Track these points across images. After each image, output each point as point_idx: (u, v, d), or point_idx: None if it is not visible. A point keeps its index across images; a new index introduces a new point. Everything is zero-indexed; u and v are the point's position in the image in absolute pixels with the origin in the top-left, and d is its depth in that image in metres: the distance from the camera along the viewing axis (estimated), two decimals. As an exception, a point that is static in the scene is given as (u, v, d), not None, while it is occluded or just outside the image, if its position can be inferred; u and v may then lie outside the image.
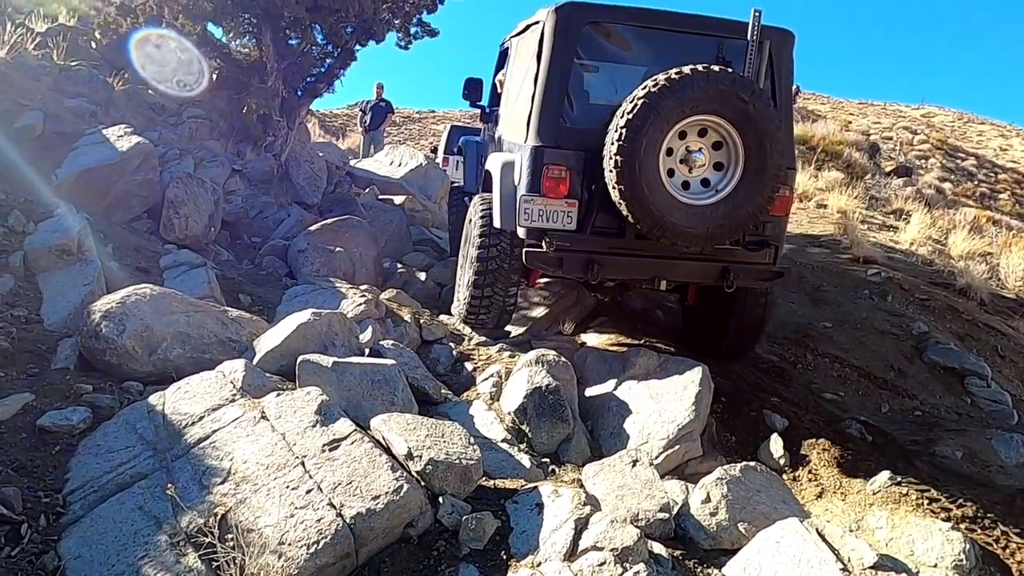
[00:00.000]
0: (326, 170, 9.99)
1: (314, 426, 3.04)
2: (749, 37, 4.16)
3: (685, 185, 4.15)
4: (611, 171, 3.99)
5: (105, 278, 4.58)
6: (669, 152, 4.07)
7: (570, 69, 4.43)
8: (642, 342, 5.33)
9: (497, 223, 4.71)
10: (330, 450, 2.93)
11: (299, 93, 9.75)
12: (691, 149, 4.09)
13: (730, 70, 3.98)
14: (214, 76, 9.52)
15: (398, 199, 10.25)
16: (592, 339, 5.51)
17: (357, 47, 9.44)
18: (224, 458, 2.93)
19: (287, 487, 2.76)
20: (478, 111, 6.81)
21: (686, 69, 3.89)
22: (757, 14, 4.15)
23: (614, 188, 4.01)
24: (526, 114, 4.54)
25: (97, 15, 8.96)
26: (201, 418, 3.15)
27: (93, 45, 8.75)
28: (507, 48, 5.87)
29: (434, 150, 15.46)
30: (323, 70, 9.71)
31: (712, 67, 3.92)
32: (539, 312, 6.18)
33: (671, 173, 4.11)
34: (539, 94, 4.42)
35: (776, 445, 4.15)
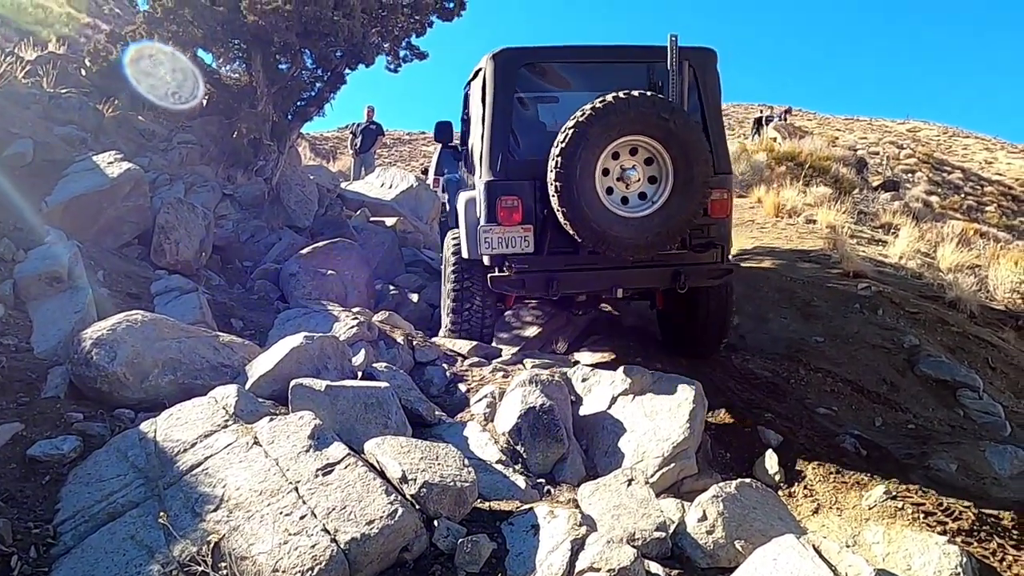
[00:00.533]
0: (317, 193, 10.01)
1: (307, 451, 3.02)
2: (668, 61, 4.54)
3: (624, 200, 4.51)
4: (554, 196, 4.36)
5: (96, 305, 4.56)
6: (606, 172, 4.46)
7: (511, 108, 4.83)
8: (635, 359, 5.33)
9: (465, 254, 5.14)
10: (324, 475, 2.91)
11: (289, 117, 9.80)
12: (625, 167, 4.47)
13: (649, 93, 4.37)
14: (204, 102, 9.56)
15: (389, 221, 10.27)
16: (585, 357, 5.51)
17: (347, 71, 9.52)
18: (217, 485, 2.90)
19: (280, 513, 2.74)
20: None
21: (609, 97, 4.28)
22: (673, 39, 4.53)
23: (558, 211, 4.38)
24: (479, 152, 4.91)
25: (87, 43, 9.01)
26: (193, 445, 3.13)
27: (83, 72, 8.79)
28: (468, 92, 6.15)
29: (425, 171, 15.55)
30: (313, 94, 9.77)
31: (632, 92, 4.29)
32: (532, 331, 6.18)
33: (610, 191, 4.49)
34: (487, 133, 4.81)
35: (771, 461, 4.15)
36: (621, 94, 4.28)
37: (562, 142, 4.29)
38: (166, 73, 8.69)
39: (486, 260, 4.82)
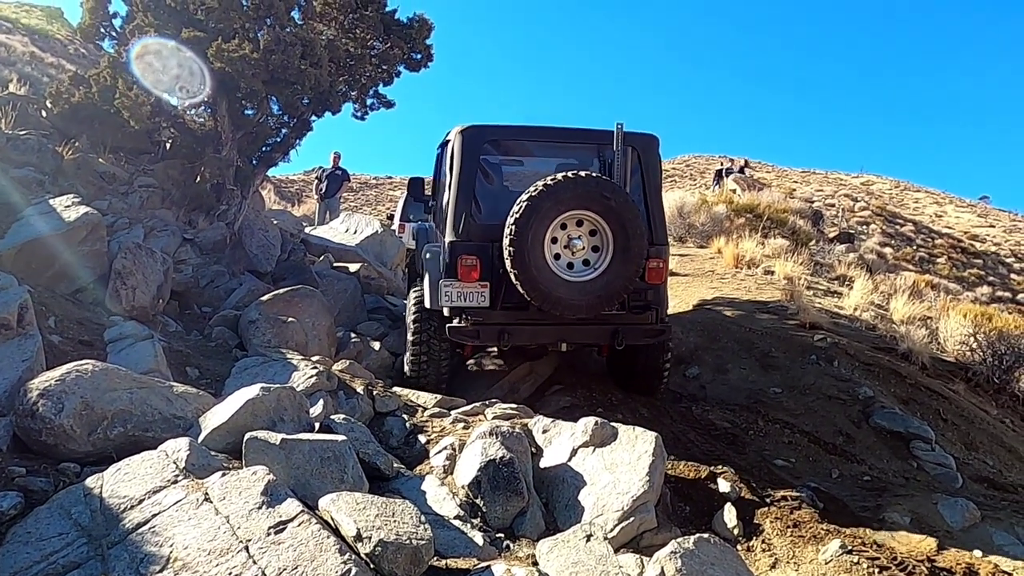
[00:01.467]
0: (280, 238, 9.94)
1: (260, 508, 2.94)
2: (614, 146, 5.14)
3: (570, 265, 5.04)
4: (507, 259, 4.88)
5: (46, 353, 4.44)
6: (555, 240, 4.99)
7: (474, 177, 5.34)
8: (597, 410, 5.34)
9: (427, 304, 5.57)
10: (276, 533, 2.83)
11: (254, 162, 9.77)
12: (572, 237, 5.02)
13: (594, 174, 4.96)
14: (168, 145, 9.51)
15: (353, 267, 10.22)
16: (547, 408, 5.50)
17: (314, 118, 9.55)
18: (164, 544, 2.81)
19: (230, 574, 2.65)
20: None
21: (559, 176, 4.86)
22: (619, 127, 5.13)
23: (511, 272, 4.90)
24: (445, 213, 5.42)
25: (50, 83, 8.94)
26: (141, 501, 3.03)
27: (44, 114, 8.70)
28: (440, 154, 6.51)
29: (390, 217, 15.58)
30: (279, 140, 9.77)
31: (579, 173, 4.89)
32: (494, 381, 6.16)
33: (557, 257, 5.01)
34: (452, 198, 5.33)
35: (729, 515, 4.16)
36: (570, 174, 4.85)
37: (516, 213, 4.80)
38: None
39: (446, 311, 5.26)
